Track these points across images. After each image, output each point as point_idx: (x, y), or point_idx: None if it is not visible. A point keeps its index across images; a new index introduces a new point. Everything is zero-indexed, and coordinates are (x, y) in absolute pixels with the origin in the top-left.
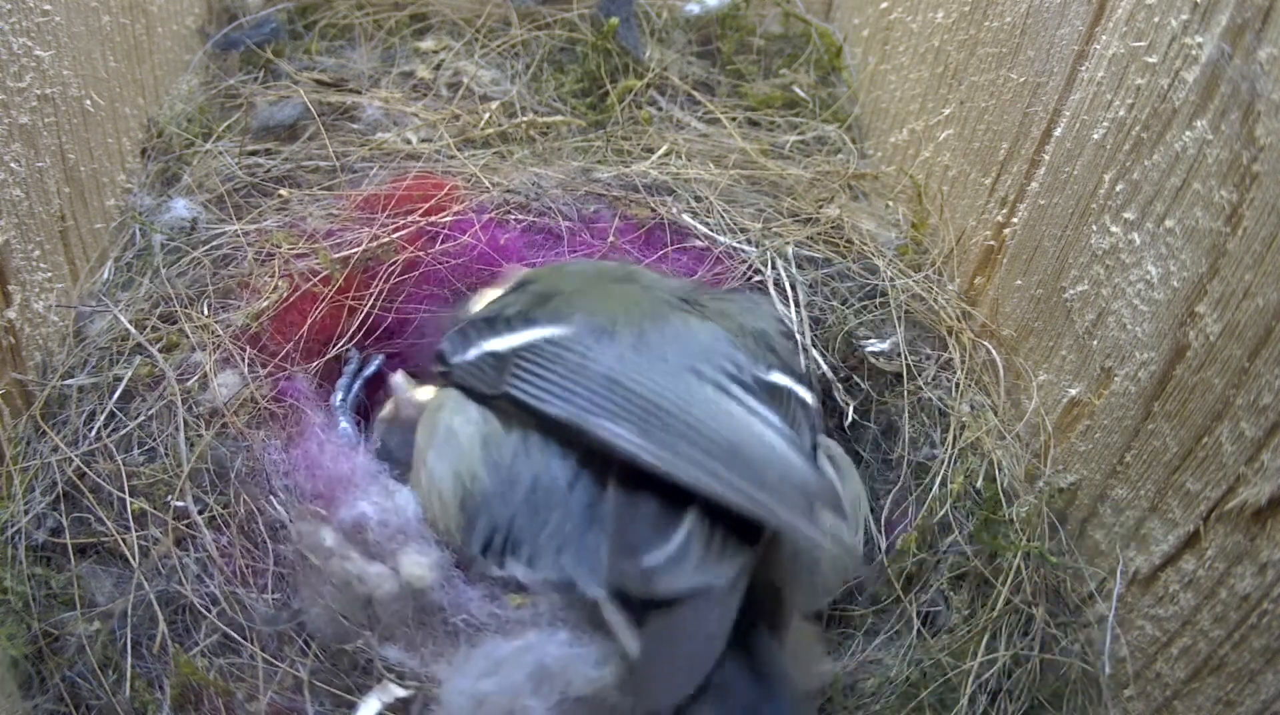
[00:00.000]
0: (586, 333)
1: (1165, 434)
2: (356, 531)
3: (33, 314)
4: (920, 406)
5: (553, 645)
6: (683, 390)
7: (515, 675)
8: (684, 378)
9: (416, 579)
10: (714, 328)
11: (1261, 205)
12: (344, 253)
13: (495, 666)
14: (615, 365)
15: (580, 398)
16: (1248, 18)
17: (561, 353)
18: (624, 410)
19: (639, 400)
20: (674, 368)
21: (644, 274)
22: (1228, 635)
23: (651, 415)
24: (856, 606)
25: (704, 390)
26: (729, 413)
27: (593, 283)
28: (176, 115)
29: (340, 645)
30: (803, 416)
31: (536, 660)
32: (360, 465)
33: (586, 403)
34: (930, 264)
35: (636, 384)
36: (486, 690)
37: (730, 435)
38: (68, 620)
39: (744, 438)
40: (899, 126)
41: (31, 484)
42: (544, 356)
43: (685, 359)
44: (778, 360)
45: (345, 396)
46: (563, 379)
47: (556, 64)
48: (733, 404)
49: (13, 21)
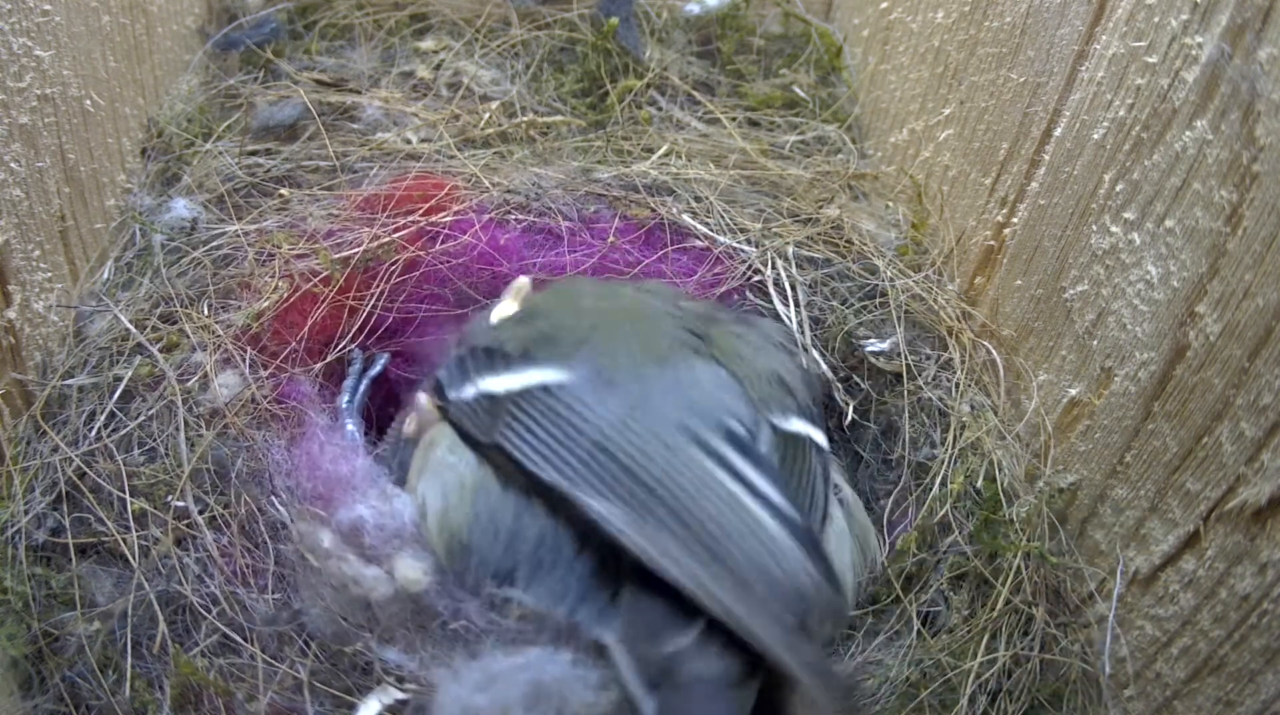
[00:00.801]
0: (585, 382)
1: (1165, 434)
2: (354, 534)
3: (33, 314)
4: (920, 406)
5: (553, 665)
6: (676, 463)
7: (510, 692)
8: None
9: (411, 583)
10: (721, 375)
11: (1261, 205)
12: (344, 253)
13: (490, 681)
14: (607, 430)
15: (570, 466)
16: (1248, 18)
17: (556, 407)
18: (612, 486)
19: (628, 476)
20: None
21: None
22: (1228, 635)
23: (639, 496)
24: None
25: (701, 463)
26: (724, 495)
27: (601, 316)
28: (176, 115)
29: (340, 647)
30: (818, 468)
31: (533, 678)
32: (359, 467)
33: (575, 472)
34: (930, 264)
35: (627, 456)
36: (479, 704)
37: (721, 524)
38: (68, 620)
39: (734, 529)
40: (899, 126)
41: (31, 484)
42: (538, 408)
43: (684, 415)
44: (795, 403)
45: (352, 398)
46: (554, 440)
47: (556, 64)
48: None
49: (13, 21)
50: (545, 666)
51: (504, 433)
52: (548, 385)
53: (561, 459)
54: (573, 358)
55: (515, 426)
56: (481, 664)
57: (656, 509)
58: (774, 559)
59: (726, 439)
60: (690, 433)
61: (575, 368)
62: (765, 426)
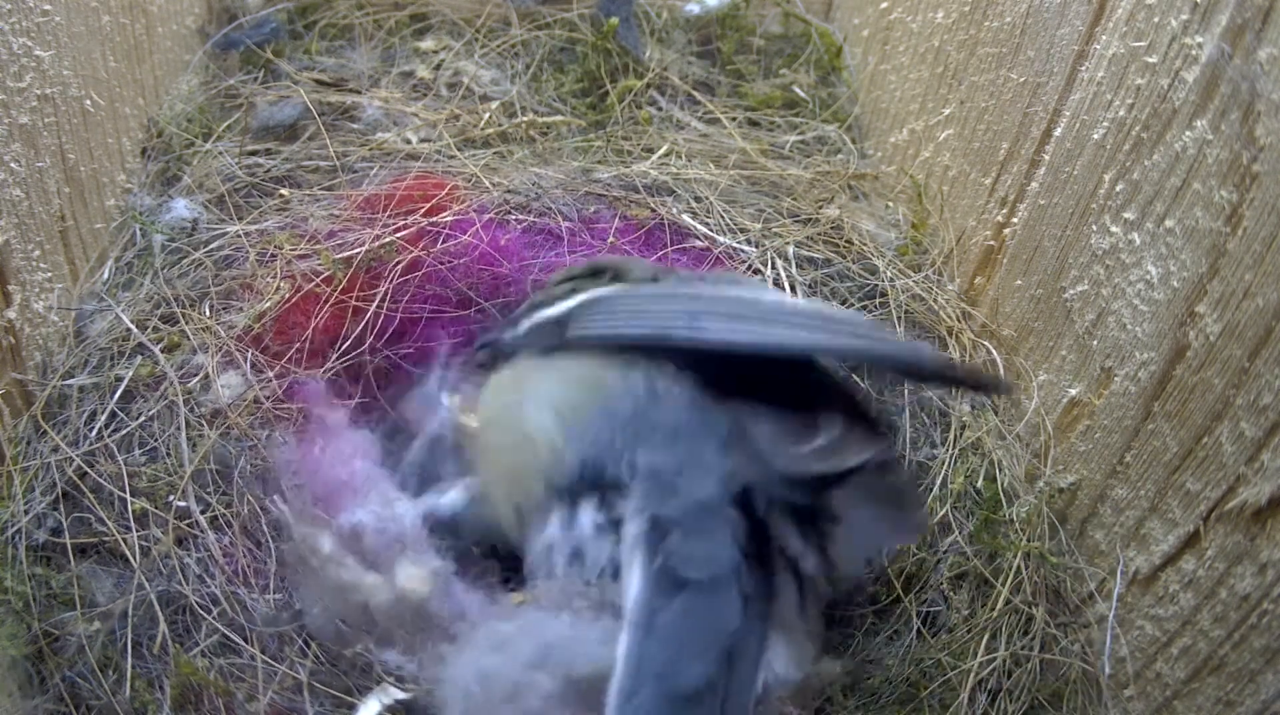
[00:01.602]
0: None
1: (1165, 434)
2: (354, 539)
3: (33, 314)
4: (920, 406)
5: (555, 625)
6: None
7: (522, 650)
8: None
9: (413, 591)
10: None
11: (1261, 205)
12: (345, 253)
13: (501, 643)
14: (680, 288)
15: (654, 318)
16: (1248, 18)
17: (621, 296)
18: (705, 313)
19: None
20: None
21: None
22: (1228, 635)
23: (733, 310)
24: (856, 606)
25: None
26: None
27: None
28: (176, 115)
29: (340, 649)
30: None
31: (540, 638)
32: (361, 471)
33: (662, 321)
34: (930, 264)
35: (708, 291)
36: (492, 666)
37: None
38: (68, 620)
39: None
40: (899, 126)
41: (32, 484)
42: (603, 304)
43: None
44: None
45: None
46: (630, 311)
47: (556, 64)
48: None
49: (13, 21)
50: (548, 626)
51: (576, 330)
52: (603, 295)
53: (647, 315)
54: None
55: (586, 320)
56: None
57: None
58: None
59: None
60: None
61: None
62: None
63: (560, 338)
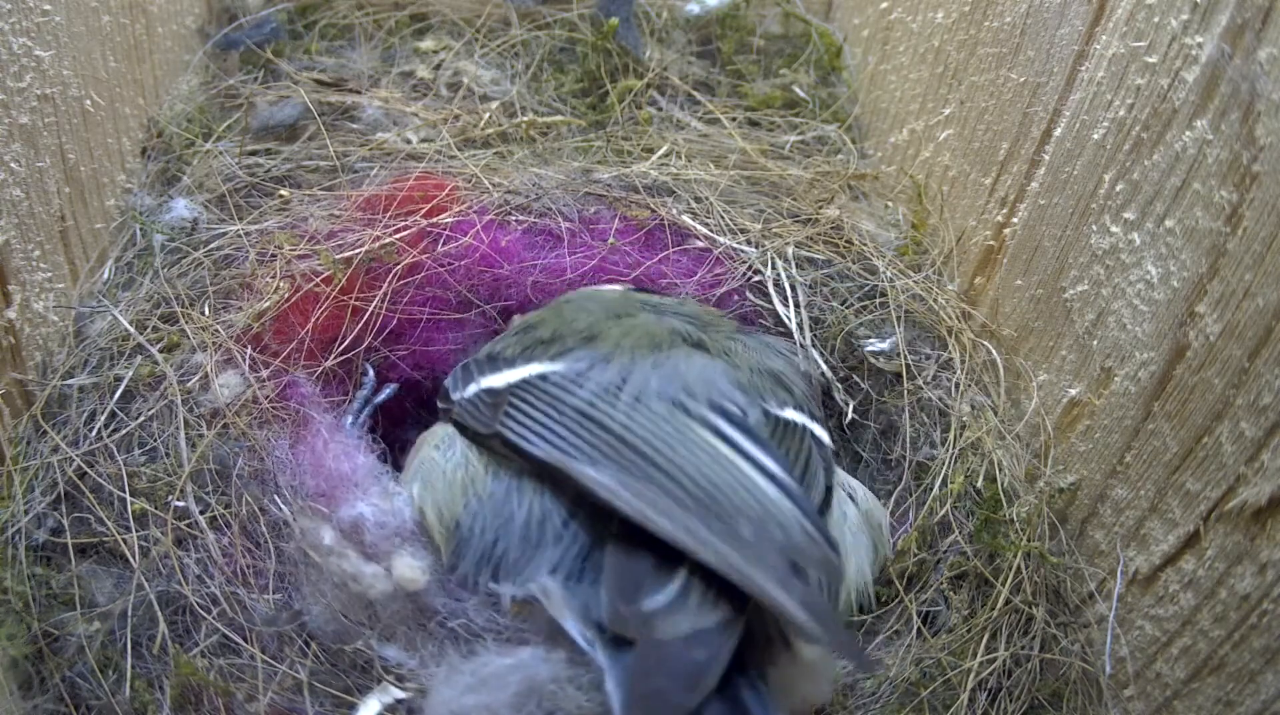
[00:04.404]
0: (580, 366)
1: (1165, 434)
2: (354, 532)
3: (33, 314)
4: (920, 406)
5: (547, 665)
6: (668, 429)
7: (499, 694)
8: (671, 414)
9: (409, 581)
10: (716, 363)
11: (1261, 205)
12: (345, 253)
13: (480, 683)
14: (596, 400)
15: (563, 438)
16: (1248, 18)
17: (550, 389)
18: (603, 452)
19: (618, 441)
20: (663, 402)
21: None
22: (1228, 635)
23: (631, 459)
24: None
25: (690, 428)
26: (714, 454)
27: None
28: (176, 115)
29: (341, 644)
30: (817, 456)
31: (525, 678)
32: (362, 465)
33: (568, 443)
34: (930, 264)
35: (616, 422)
36: (468, 706)
37: (711, 479)
38: (68, 620)
39: (725, 483)
40: (899, 126)
41: (31, 484)
42: (534, 393)
43: (677, 393)
44: (792, 398)
45: (355, 420)
46: (547, 418)
47: (556, 64)
48: (720, 443)
49: (13, 21)
50: (538, 667)
51: (503, 421)
52: (545, 374)
53: (554, 433)
54: (571, 352)
55: (514, 413)
56: (473, 665)
57: (648, 469)
58: (767, 511)
59: (718, 412)
60: (681, 405)
61: (573, 359)
62: (758, 410)
63: (490, 424)
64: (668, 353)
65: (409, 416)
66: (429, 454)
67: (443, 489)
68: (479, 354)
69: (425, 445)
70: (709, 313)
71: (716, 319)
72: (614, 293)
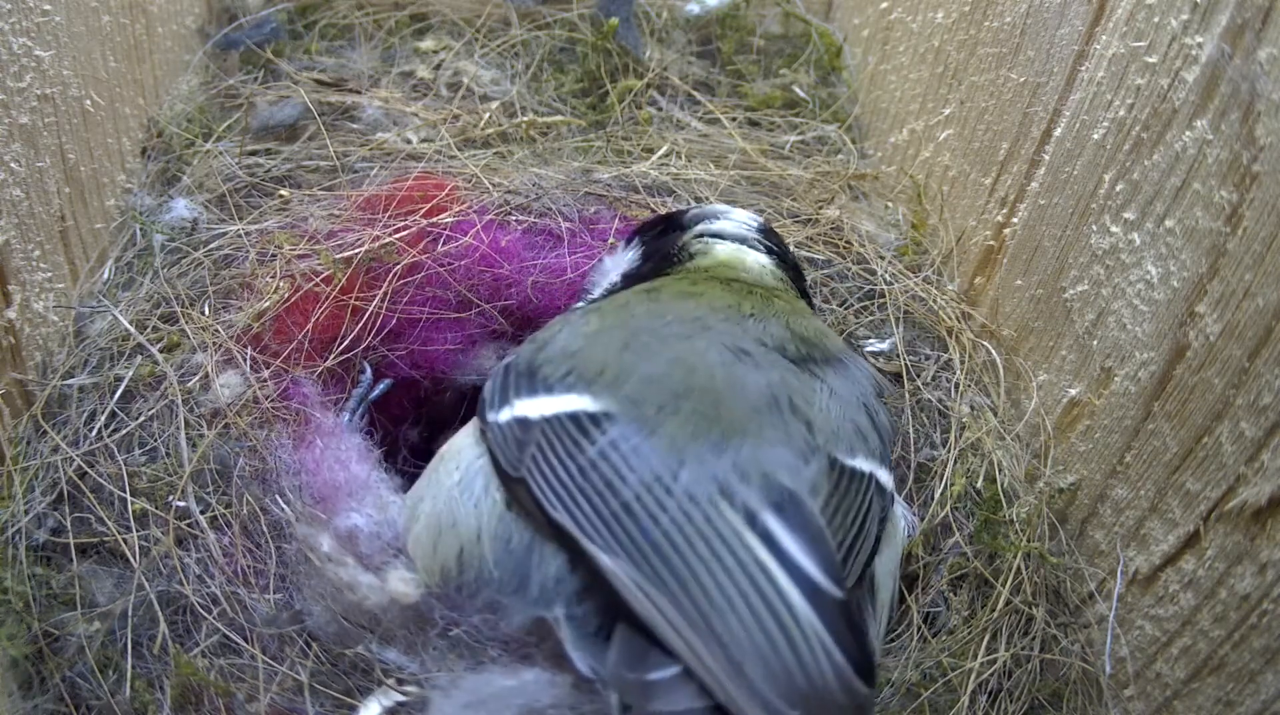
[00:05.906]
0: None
1: (1165, 434)
2: (350, 541)
3: (33, 314)
4: (920, 407)
5: (550, 691)
6: (702, 530)
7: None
8: (712, 506)
9: (402, 595)
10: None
11: (1261, 205)
12: (345, 253)
13: (480, 702)
14: (640, 490)
15: (589, 518)
16: (1248, 18)
17: (583, 444)
18: (625, 545)
19: (646, 538)
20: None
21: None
22: (1228, 635)
23: (649, 556)
24: None
25: (728, 527)
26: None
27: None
28: (176, 115)
29: (342, 647)
30: (875, 508)
31: (527, 704)
32: (357, 475)
33: (589, 521)
34: (930, 264)
35: (650, 519)
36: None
37: (730, 599)
38: (68, 620)
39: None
40: (899, 126)
41: (32, 484)
42: (567, 440)
43: (727, 476)
44: (865, 446)
45: (352, 417)
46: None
47: (556, 64)
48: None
49: (13, 21)
50: (542, 692)
51: (530, 468)
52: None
53: (581, 510)
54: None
55: (540, 461)
56: (474, 682)
57: (664, 573)
58: (787, 642)
59: (769, 503)
60: (728, 492)
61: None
62: (823, 460)
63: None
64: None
65: (408, 415)
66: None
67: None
68: (524, 350)
69: (443, 468)
70: (809, 327)
71: (816, 335)
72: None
